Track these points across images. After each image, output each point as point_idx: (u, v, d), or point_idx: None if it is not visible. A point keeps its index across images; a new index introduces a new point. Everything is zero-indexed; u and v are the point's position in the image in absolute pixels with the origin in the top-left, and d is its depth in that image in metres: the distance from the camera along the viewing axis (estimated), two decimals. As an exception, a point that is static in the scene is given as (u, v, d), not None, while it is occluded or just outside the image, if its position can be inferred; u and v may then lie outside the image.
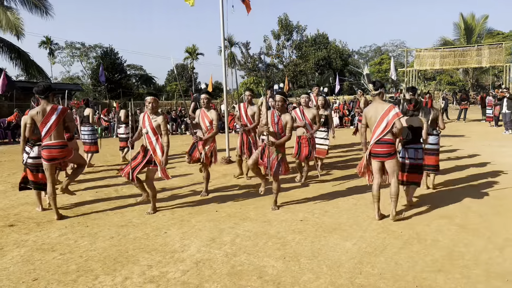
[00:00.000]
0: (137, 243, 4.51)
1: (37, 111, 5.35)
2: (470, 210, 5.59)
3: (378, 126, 5.08)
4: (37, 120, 5.36)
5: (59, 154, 5.43)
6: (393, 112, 5.00)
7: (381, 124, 5.05)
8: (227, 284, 3.49)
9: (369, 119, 5.24)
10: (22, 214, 5.76)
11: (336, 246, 4.33)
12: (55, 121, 5.36)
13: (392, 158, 5.07)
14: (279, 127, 5.55)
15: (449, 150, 10.90)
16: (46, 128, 5.34)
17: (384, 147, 5.05)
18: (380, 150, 5.08)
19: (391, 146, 5.07)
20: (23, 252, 4.32)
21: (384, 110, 5.05)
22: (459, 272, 3.68)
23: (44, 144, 5.38)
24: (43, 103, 5.39)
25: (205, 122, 6.50)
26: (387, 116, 5.02)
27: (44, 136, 5.37)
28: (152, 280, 3.59)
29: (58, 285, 3.54)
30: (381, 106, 5.13)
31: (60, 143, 5.42)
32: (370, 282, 3.50)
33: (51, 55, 49.84)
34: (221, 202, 6.25)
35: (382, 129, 5.04)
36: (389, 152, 5.06)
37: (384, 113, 5.05)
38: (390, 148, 5.06)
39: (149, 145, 5.57)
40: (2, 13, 21.24)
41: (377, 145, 5.10)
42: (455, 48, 20.92)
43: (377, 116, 5.10)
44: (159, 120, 5.53)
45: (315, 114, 7.25)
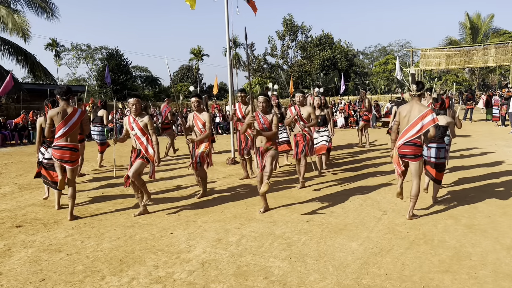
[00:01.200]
0: (143, 244, 4.52)
1: (57, 111, 5.46)
2: (477, 210, 5.55)
3: (411, 128, 5.06)
4: (56, 121, 5.46)
5: (71, 156, 5.50)
6: (430, 118, 4.99)
7: (415, 127, 5.04)
8: (233, 284, 3.49)
9: (402, 118, 5.22)
10: (29, 215, 5.80)
11: (342, 247, 4.32)
12: (75, 123, 5.52)
13: (418, 159, 5.11)
14: (266, 125, 5.54)
15: (455, 150, 10.83)
16: (65, 129, 5.44)
17: (412, 148, 5.07)
18: (407, 151, 5.10)
19: (418, 148, 5.10)
20: (30, 253, 4.34)
21: (421, 113, 5.03)
22: (466, 273, 3.66)
23: (58, 145, 5.46)
24: (63, 104, 5.53)
25: (198, 124, 6.38)
26: (423, 120, 5.01)
27: (59, 136, 5.45)
28: (159, 281, 3.60)
29: (65, 285, 3.56)
30: (418, 108, 5.10)
31: (73, 145, 5.53)
32: (376, 283, 3.49)
33: (57, 57, 50.18)
34: (226, 202, 6.25)
35: (415, 132, 5.03)
36: (416, 154, 5.09)
37: (421, 117, 5.03)
38: (417, 150, 5.09)
39: (139, 145, 5.55)
40: (9, 15, 21.38)
41: (405, 146, 5.10)
42: (461, 47, 20.77)
43: (412, 117, 5.09)
44: (145, 120, 5.52)
45: (310, 112, 7.05)
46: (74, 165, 5.58)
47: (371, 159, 10.18)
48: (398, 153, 5.19)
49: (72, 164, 5.54)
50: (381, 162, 9.62)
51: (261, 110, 5.60)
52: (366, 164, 9.48)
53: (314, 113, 7.06)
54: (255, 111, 5.70)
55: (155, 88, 49.11)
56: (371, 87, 44.79)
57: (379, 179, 7.72)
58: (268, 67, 43.13)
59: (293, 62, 42.06)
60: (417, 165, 5.10)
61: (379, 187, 7.07)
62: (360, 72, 53.84)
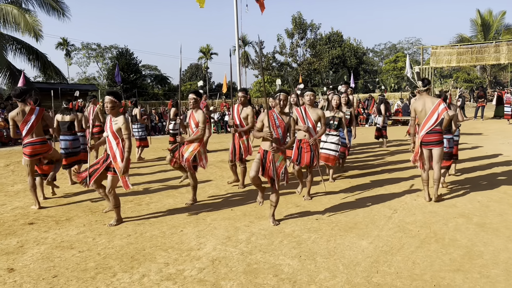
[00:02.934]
0: (154, 241, 4.56)
1: (17, 112, 5.92)
2: (489, 209, 5.50)
3: (430, 118, 5.78)
4: (18, 121, 5.90)
5: (42, 149, 5.98)
6: (442, 106, 5.74)
7: (432, 116, 5.76)
8: (243, 282, 3.51)
9: (419, 112, 5.90)
10: (42, 212, 5.87)
11: (352, 245, 4.31)
12: (35, 120, 5.90)
13: (441, 145, 5.81)
14: (281, 129, 4.92)
15: (467, 148, 10.73)
16: (27, 127, 5.86)
17: (435, 135, 5.78)
18: (432, 138, 5.78)
19: (440, 134, 5.81)
20: (43, 250, 4.40)
21: (434, 104, 5.76)
22: (478, 272, 3.63)
23: (27, 142, 5.92)
24: (20, 105, 5.94)
25: (191, 124, 6.01)
26: (438, 110, 5.74)
27: (25, 135, 5.89)
28: (169, 278, 3.62)
29: (77, 282, 3.60)
30: (430, 100, 5.84)
31: (40, 139, 5.98)
32: (387, 281, 3.47)
33: (67, 56, 50.68)
34: (236, 201, 6.27)
35: (434, 121, 5.75)
36: (439, 140, 5.80)
37: (435, 107, 5.75)
38: (439, 137, 5.81)
39: (109, 150, 5.06)
40: (21, 15, 21.60)
41: (428, 134, 5.79)
42: (472, 44, 20.48)
43: (427, 109, 5.80)
44: (120, 122, 4.98)
45: (320, 116, 6.12)
46: (46, 154, 6.09)
47: (381, 157, 10.13)
48: (422, 142, 5.83)
49: (46, 154, 6.08)
50: (391, 161, 9.57)
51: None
52: (376, 162, 9.43)
53: (324, 117, 6.21)
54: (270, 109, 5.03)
55: (165, 87, 49.34)
56: (380, 85, 44.51)
57: (389, 177, 7.68)
58: (277, 65, 43.05)
59: (302, 60, 41.93)
60: (440, 151, 5.80)
61: (389, 185, 7.04)
62: (370, 70, 53.52)
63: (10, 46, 22.84)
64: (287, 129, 4.96)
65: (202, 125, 5.86)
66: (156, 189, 7.22)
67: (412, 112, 6.07)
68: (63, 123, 7.43)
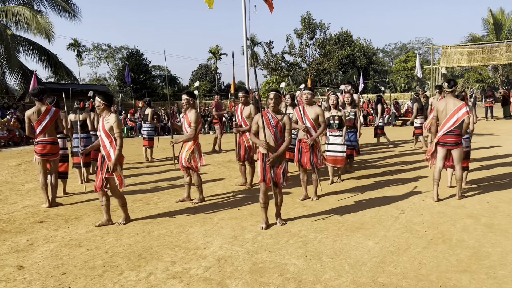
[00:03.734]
0: (161, 240, 4.60)
1: (33, 111, 6.09)
2: (498, 210, 5.45)
3: (449, 120, 5.83)
4: (33, 120, 6.08)
5: (52, 149, 6.13)
6: (464, 110, 5.78)
7: (452, 118, 5.82)
8: (248, 281, 3.52)
9: (440, 112, 5.96)
10: (51, 211, 5.95)
11: (358, 245, 4.31)
12: (50, 120, 6.09)
13: (459, 147, 5.86)
14: (278, 130, 4.80)
15: (476, 149, 10.63)
16: (41, 126, 6.04)
17: (453, 137, 5.83)
18: (449, 140, 5.85)
19: (458, 136, 5.85)
20: (52, 247, 4.46)
21: (456, 107, 5.82)
22: (485, 273, 3.60)
23: (39, 140, 6.09)
24: (37, 104, 6.12)
25: (185, 124, 6.06)
26: (458, 113, 5.79)
27: (39, 133, 6.06)
28: (176, 276, 3.65)
29: (85, 279, 3.65)
30: (453, 102, 5.90)
31: (52, 139, 6.16)
32: (392, 281, 3.46)
33: (79, 57, 51.14)
34: (243, 200, 6.30)
35: (453, 123, 5.81)
36: (457, 142, 5.84)
37: (456, 110, 5.81)
38: (457, 138, 5.84)
39: (102, 149, 5.08)
40: (33, 16, 21.87)
41: (446, 135, 5.85)
42: (484, 44, 20.26)
43: (448, 110, 5.86)
44: (111, 121, 4.99)
45: (318, 114, 5.99)
46: (55, 157, 6.23)
47: (389, 158, 10.08)
48: (439, 142, 5.92)
49: (54, 157, 6.19)
50: (399, 161, 9.53)
51: (272, 109, 4.88)
52: (383, 163, 9.39)
53: (323, 115, 6.07)
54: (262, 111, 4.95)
55: (174, 87, 49.56)
56: (390, 85, 44.20)
57: (397, 178, 7.65)
58: (286, 65, 43.00)
59: (311, 60, 41.83)
60: (459, 152, 5.85)
61: (397, 185, 7.01)
62: (380, 70, 53.19)
63: (22, 47, 23.15)
64: (283, 128, 4.82)
65: (194, 125, 5.90)
66: (164, 189, 7.28)
67: (434, 112, 6.15)
68: (76, 123, 7.55)
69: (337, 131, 7.12)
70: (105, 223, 5.19)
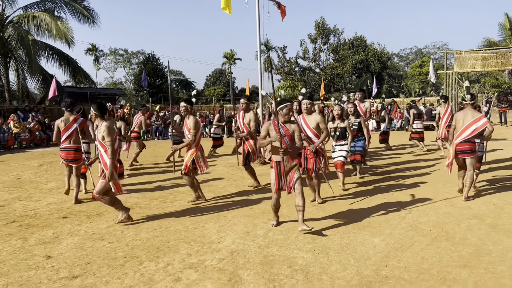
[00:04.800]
0: (178, 235, 4.88)
1: (62, 120, 6.75)
2: (503, 211, 5.60)
3: (466, 129, 6.22)
4: (61, 127, 6.69)
5: (75, 156, 6.64)
6: (483, 121, 6.21)
7: (470, 128, 6.21)
8: (259, 271, 3.77)
9: (458, 122, 6.40)
10: (74, 208, 6.29)
11: (364, 242, 4.52)
12: (75, 129, 6.63)
13: (473, 155, 6.23)
14: (287, 137, 4.82)
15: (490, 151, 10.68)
16: (67, 134, 6.59)
17: (468, 145, 6.21)
18: (464, 147, 6.22)
19: (473, 144, 6.24)
20: (76, 240, 4.78)
21: (475, 118, 6.24)
22: (484, 268, 3.79)
23: (63, 147, 6.66)
24: (66, 114, 6.78)
25: (185, 131, 6.24)
26: (478, 123, 6.18)
27: (64, 140, 6.61)
28: (191, 267, 3.92)
29: (107, 268, 3.94)
30: (471, 113, 6.33)
31: (76, 147, 6.68)
32: (394, 274, 3.68)
33: (96, 61, 52.20)
34: (255, 199, 6.55)
35: (470, 132, 6.18)
36: (471, 150, 6.22)
37: (474, 120, 6.21)
38: (472, 146, 6.23)
39: (100, 158, 5.29)
40: (53, 22, 22.57)
41: (462, 143, 6.24)
42: (498, 49, 20.21)
43: (466, 121, 6.27)
44: (102, 130, 5.10)
45: (318, 122, 6.01)
46: (78, 163, 6.67)
47: (398, 162, 10.23)
48: (455, 150, 6.30)
49: (76, 163, 6.65)
50: (407, 166, 9.67)
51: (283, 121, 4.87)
52: (392, 168, 9.55)
53: (323, 122, 6.07)
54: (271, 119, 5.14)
55: (189, 91, 50.17)
56: (405, 90, 44.03)
57: (406, 181, 7.82)
58: (299, 70, 43.19)
59: (325, 65, 41.95)
60: (472, 160, 6.22)
61: (406, 188, 7.19)
62: (395, 75, 52.99)
63: (43, 52, 23.84)
64: (293, 136, 4.87)
65: (194, 131, 6.05)
66: (181, 188, 7.57)
67: (453, 121, 6.58)
68: None
69: (342, 141, 7.18)
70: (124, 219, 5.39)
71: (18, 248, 4.56)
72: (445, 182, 7.44)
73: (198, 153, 6.20)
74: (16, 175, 9.37)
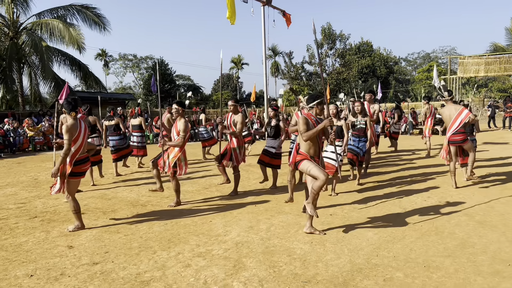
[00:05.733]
0: (187, 229, 5.30)
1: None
2: (493, 210, 5.94)
3: (454, 122, 7.22)
4: None
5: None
6: (465, 112, 7.24)
7: (457, 121, 7.20)
8: (261, 259, 4.18)
9: (446, 117, 7.37)
10: (90, 205, 6.74)
11: (359, 235, 4.90)
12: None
13: (466, 142, 7.26)
14: None
15: (487, 153, 10.99)
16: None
17: (460, 135, 7.23)
18: (457, 138, 7.25)
19: (464, 134, 7.26)
20: (94, 233, 5.21)
21: (458, 111, 7.25)
22: (466, 258, 4.15)
23: None
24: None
25: (173, 132, 6.46)
26: (461, 115, 7.20)
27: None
28: (200, 255, 4.34)
29: (124, 256, 4.37)
30: (454, 107, 7.35)
31: None
32: (384, 262, 4.06)
33: (105, 66, 53.07)
34: (259, 198, 6.96)
35: (458, 124, 7.20)
36: (463, 139, 7.24)
37: (458, 113, 7.23)
38: (463, 136, 7.24)
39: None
40: (65, 29, 23.24)
41: (454, 135, 7.24)
42: (501, 54, 20.49)
43: (452, 115, 7.28)
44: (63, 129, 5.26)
45: None
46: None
47: (396, 163, 10.57)
48: (449, 141, 7.29)
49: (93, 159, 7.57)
50: (406, 167, 10.01)
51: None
52: (391, 168, 9.89)
53: None
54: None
55: (197, 96, 50.77)
56: (411, 94, 44.22)
57: (403, 181, 8.16)
58: (306, 74, 43.63)
59: (331, 70, 42.35)
60: (468, 145, 7.24)
61: (402, 188, 7.54)
62: (402, 79, 53.18)
63: (55, 58, 24.51)
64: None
65: (183, 133, 6.22)
66: (188, 188, 7.99)
67: (442, 117, 7.55)
68: (110, 126, 8.67)
69: (337, 140, 7.17)
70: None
71: (42, 239, 5.00)
72: (441, 182, 7.80)
73: (181, 155, 6.37)
74: (34, 176, 9.87)
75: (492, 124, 21.99)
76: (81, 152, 5.38)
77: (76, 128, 5.27)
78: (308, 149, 4.97)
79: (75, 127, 5.25)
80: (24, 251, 4.60)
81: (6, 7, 22.98)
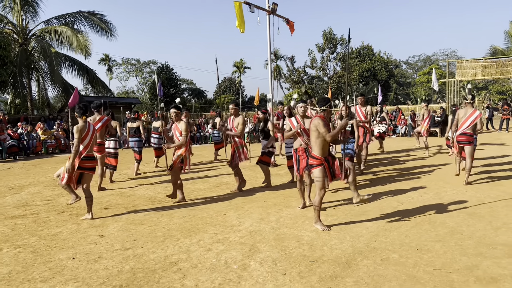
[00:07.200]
0: (204, 220, 5.86)
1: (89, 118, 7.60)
2: (483, 203, 6.48)
3: (465, 123, 7.83)
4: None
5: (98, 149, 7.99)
6: (476, 114, 7.82)
7: (467, 121, 7.82)
8: (273, 244, 4.74)
9: (460, 118, 7.96)
10: (112, 202, 7.31)
11: (359, 224, 5.46)
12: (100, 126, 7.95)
13: (470, 145, 7.78)
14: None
15: (482, 152, 11.52)
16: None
17: (465, 137, 7.81)
18: (463, 139, 7.84)
19: (470, 136, 7.80)
20: (121, 225, 5.77)
21: (470, 112, 7.86)
22: (454, 242, 4.71)
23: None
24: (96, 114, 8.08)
25: (176, 133, 6.93)
26: (472, 117, 7.80)
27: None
28: (219, 241, 4.90)
29: (151, 243, 4.93)
30: (470, 109, 7.91)
31: (99, 142, 7.95)
32: (381, 246, 4.62)
33: (109, 71, 53.75)
34: (268, 195, 7.52)
35: (467, 125, 7.80)
36: (469, 140, 7.80)
37: (470, 114, 7.83)
38: (469, 138, 7.80)
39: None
40: (74, 35, 23.88)
41: (460, 135, 7.87)
42: (498, 58, 21.04)
43: (465, 116, 7.88)
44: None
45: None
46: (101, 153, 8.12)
47: (395, 162, 11.13)
48: (456, 140, 7.97)
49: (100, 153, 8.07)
50: (405, 167, 10.55)
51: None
52: (391, 166, 10.45)
53: None
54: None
55: (201, 100, 51.43)
56: (411, 97, 44.80)
57: (401, 179, 8.72)
58: (307, 78, 44.25)
59: (332, 73, 42.97)
60: (470, 149, 7.78)
61: (400, 184, 8.09)
62: (403, 82, 53.77)
63: (64, 63, 25.15)
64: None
65: (185, 133, 6.80)
66: (201, 186, 8.56)
67: (456, 116, 8.16)
68: (132, 129, 9.39)
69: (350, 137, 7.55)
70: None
71: (74, 230, 5.57)
72: (437, 180, 8.35)
73: (186, 154, 6.93)
74: (51, 176, 10.44)
75: (490, 126, 22.52)
76: (88, 150, 6.14)
77: (85, 129, 6.08)
78: (322, 150, 5.20)
79: (84, 128, 6.06)
80: (61, 239, 5.17)
81: (16, 15, 23.65)
